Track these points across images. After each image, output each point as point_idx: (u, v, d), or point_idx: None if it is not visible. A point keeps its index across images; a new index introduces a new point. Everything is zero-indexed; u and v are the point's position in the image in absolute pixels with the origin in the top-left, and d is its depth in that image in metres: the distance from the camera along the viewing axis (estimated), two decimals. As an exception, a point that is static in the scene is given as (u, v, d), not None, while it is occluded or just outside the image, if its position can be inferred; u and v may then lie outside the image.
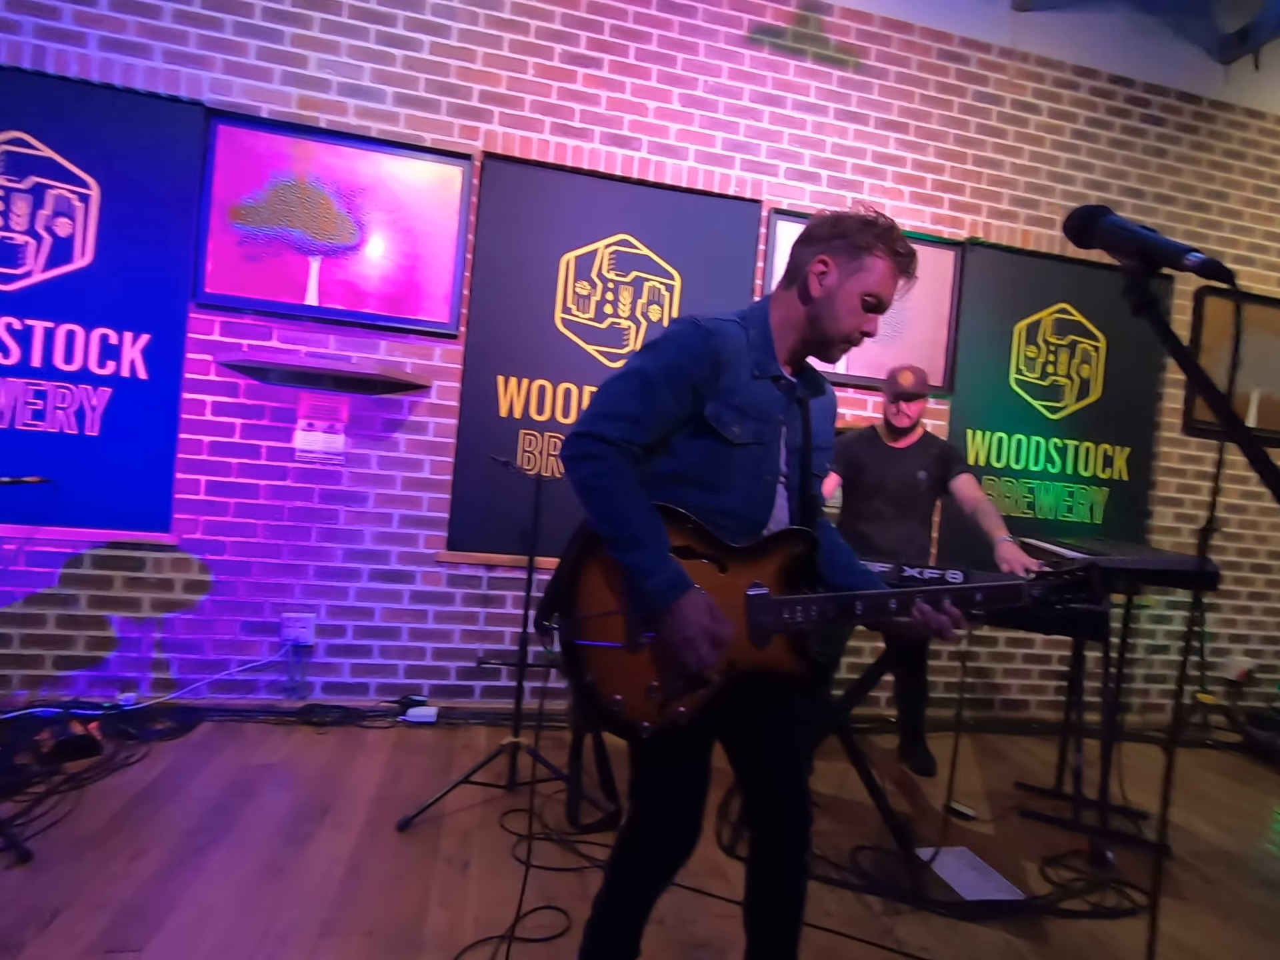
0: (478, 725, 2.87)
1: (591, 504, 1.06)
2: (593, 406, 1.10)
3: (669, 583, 1.03)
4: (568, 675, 1.10)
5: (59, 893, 1.62)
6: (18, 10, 2.57)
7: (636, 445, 1.08)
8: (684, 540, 1.10)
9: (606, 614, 1.09)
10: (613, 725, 1.10)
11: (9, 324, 2.60)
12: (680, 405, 1.10)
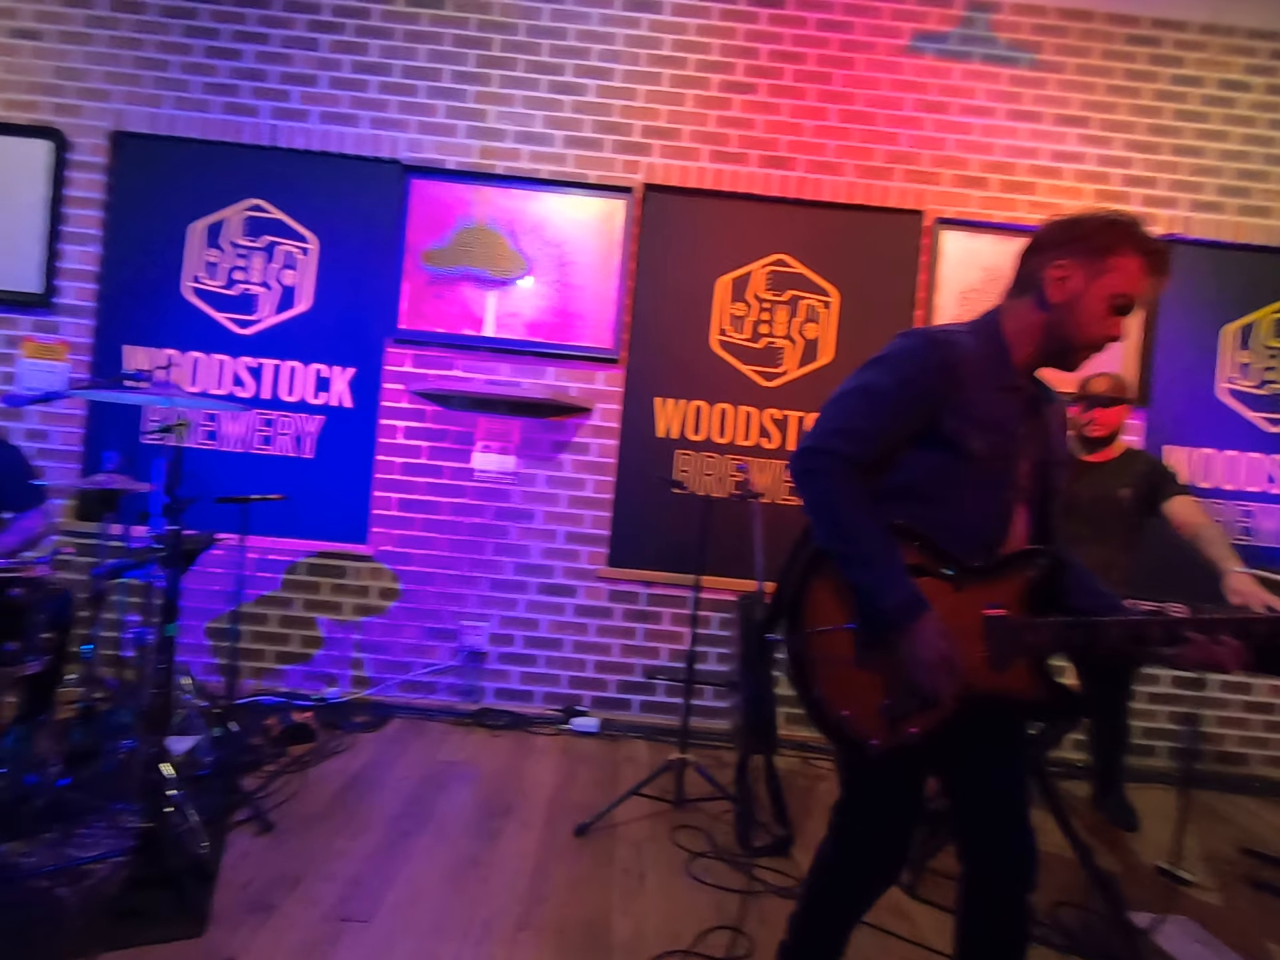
0: (637, 739, 2.94)
1: (822, 520, 1.08)
2: (821, 422, 1.11)
3: (904, 603, 1.02)
4: (795, 687, 1.11)
5: (298, 861, 1.84)
6: (258, 96, 3.01)
7: (865, 460, 1.08)
8: (916, 558, 1.08)
9: (835, 629, 1.09)
10: (839, 740, 1.10)
11: (246, 363, 3.03)
12: (911, 419, 1.09)
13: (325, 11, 3.01)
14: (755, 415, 3.08)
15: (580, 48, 3.05)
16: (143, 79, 3.00)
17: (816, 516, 1.09)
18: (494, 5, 3.03)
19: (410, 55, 3.03)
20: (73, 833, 1.83)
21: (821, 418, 1.11)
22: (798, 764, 2.82)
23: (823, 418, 1.11)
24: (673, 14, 3.06)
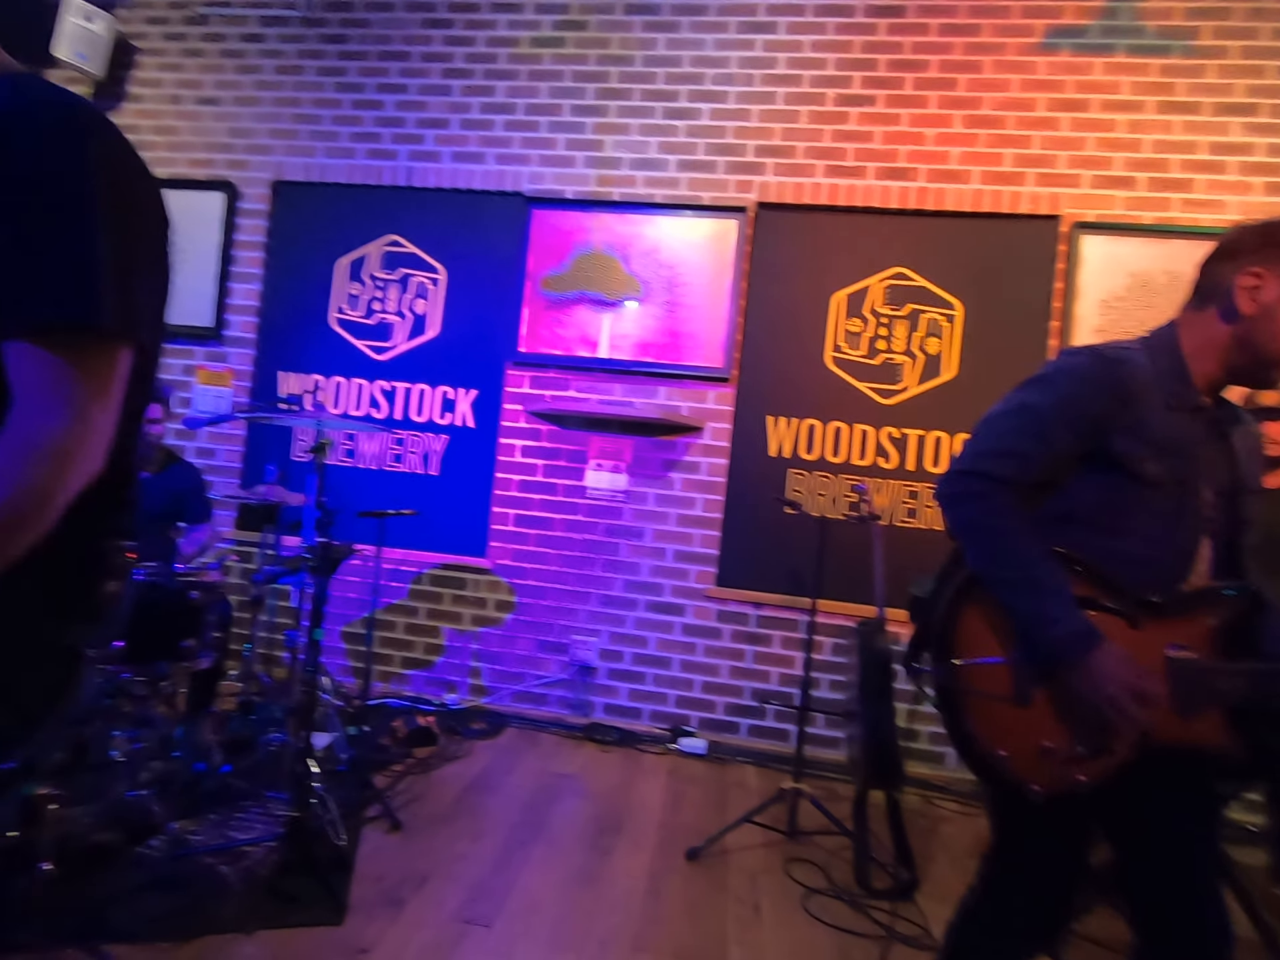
0: (746, 763, 2.88)
1: (977, 544, 1.02)
2: (975, 443, 1.06)
3: (1076, 633, 0.95)
4: (944, 721, 1.05)
5: (425, 861, 1.93)
6: (397, 141, 3.27)
7: (1023, 483, 1.02)
8: (1086, 589, 1.00)
9: (990, 661, 1.03)
10: (995, 781, 1.03)
11: (381, 386, 3.26)
12: (1076, 441, 1.02)
13: (458, 59, 3.23)
14: (872, 434, 2.98)
15: (694, 73, 3.10)
16: (299, 133, 3.33)
17: (969, 540, 1.04)
18: (612, 40, 3.15)
19: (533, 94, 3.19)
20: (232, 816, 2.02)
21: (973, 439, 1.06)
22: (919, 803, 2.66)
23: (975, 439, 1.06)
24: (787, 33, 3.06)
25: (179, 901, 1.65)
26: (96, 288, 0.64)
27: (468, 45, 3.23)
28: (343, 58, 3.32)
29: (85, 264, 0.63)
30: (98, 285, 0.64)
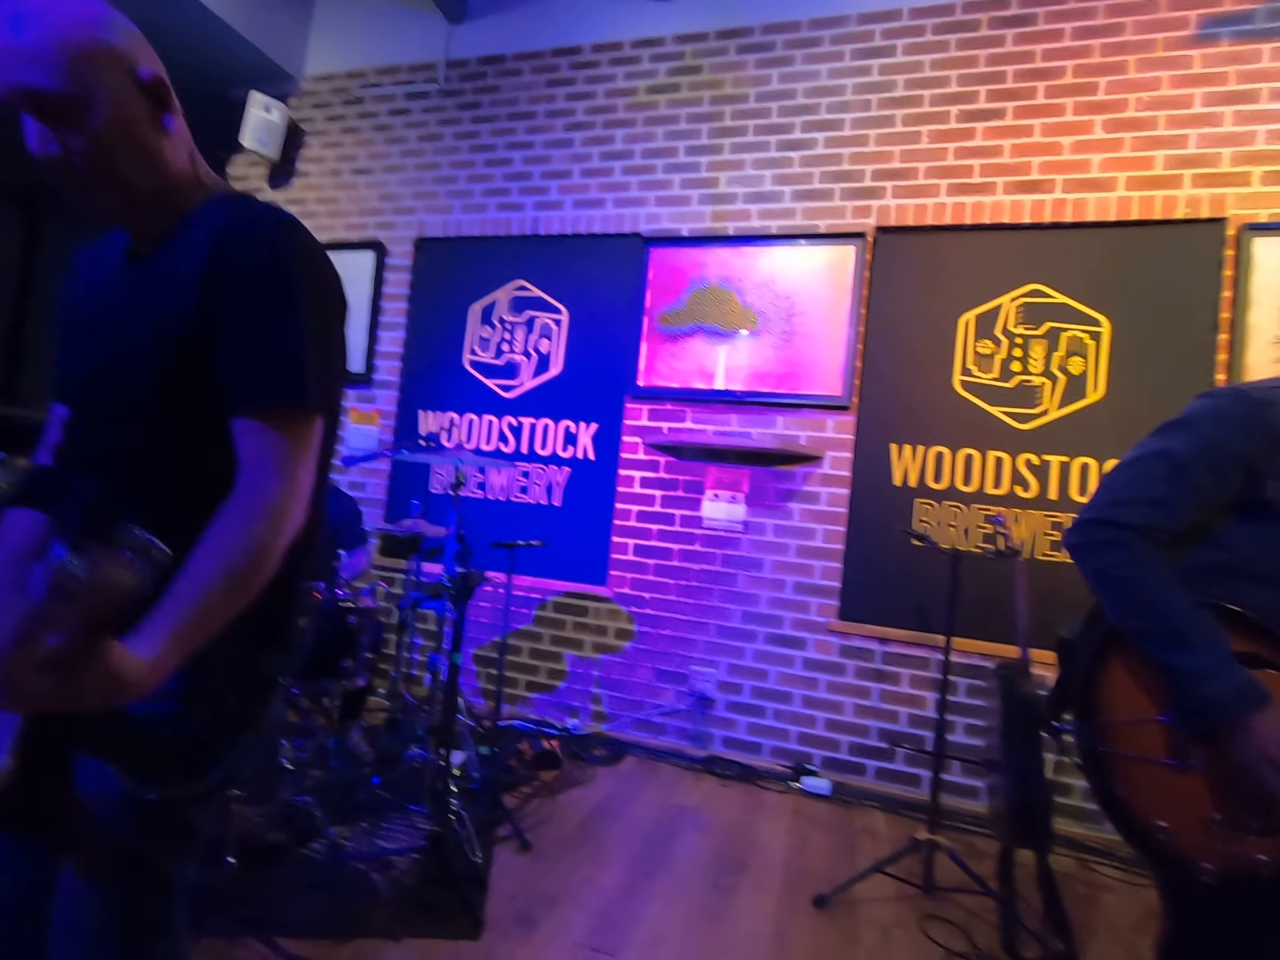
0: (874, 808, 2.75)
1: (1115, 596, 0.96)
2: (1108, 491, 1.00)
3: (1236, 690, 0.86)
4: (1093, 787, 0.98)
5: (553, 883, 1.99)
6: (524, 194, 3.50)
7: (1164, 532, 0.95)
8: (1248, 645, 0.91)
9: (1141, 721, 0.95)
10: (1158, 858, 0.94)
11: (509, 422, 3.47)
12: (1223, 488, 0.94)
13: (579, 113, 3.43)
14: (1008, 461, 2.80)
15: (809, 104, 3.11)
16: (438, 193, 3.65)
17: (1105, 592, 0.97)
18: (725, 80, 3.23)
19: (649, 138, 3.32)
20: (380, 825, 2.18)
21: (1106, 487, 1.00)
22: (1074, 867, 2.42)
23: (1108, 487, 1.00)
24: (905, 54, 3.01)
25: (336, 903, 1.79)
26: (304, 373, 0.76)
27: (588, 99, 3.43)
28: (476, 122, 3.61)
29: (295, 355, 0.76)
30: (305, 371, 0.76)
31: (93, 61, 0.73)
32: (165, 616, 0.64)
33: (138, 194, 0.80)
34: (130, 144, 0.76)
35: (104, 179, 0.77)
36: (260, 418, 0.75)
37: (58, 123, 0.73)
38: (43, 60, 0.70)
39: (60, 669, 0.53)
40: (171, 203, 0.83)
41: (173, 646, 0.64)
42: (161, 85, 0.79)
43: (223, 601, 0.68)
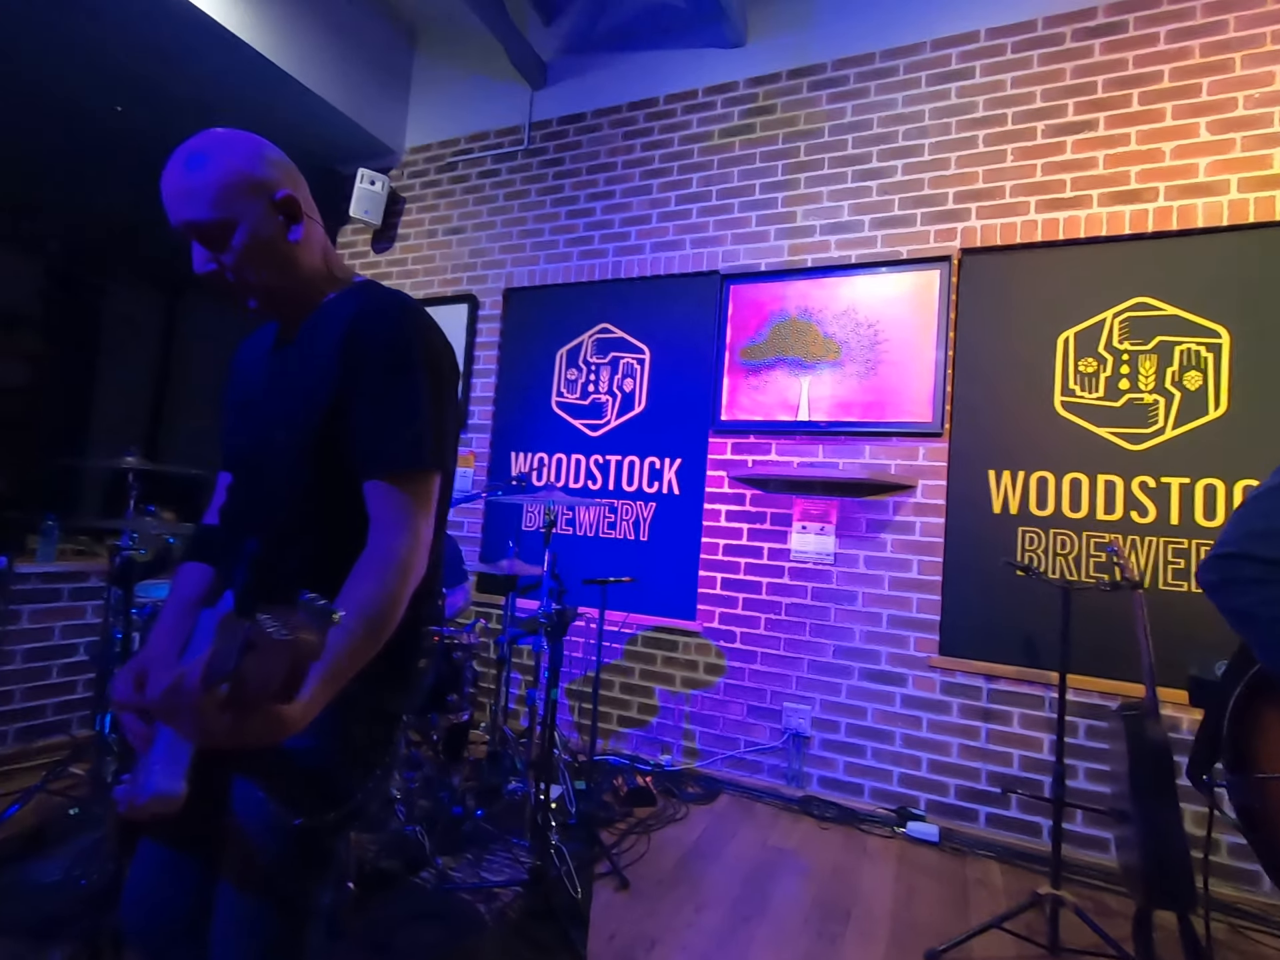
0: (988, 858, 2.58)
1: (1259, 636, 0.90)
2: (1243, 523, 0.94)
3: None
4: (1255, 848, 0.91)
5: (653, 924, 1.98)
6: (605, 241, 3.65)
7: None
8: None
9: None
10: None
11: (596, 460, 3.57)
12: None
13: (656, 161, 3.56)
14: (1120, 485, 2.64)
15: (885, 133, 3.11)
16: (525, 246, 3.86)
17: (1249, 632, 0.91)
18: (799, 117, 3.27)
19: (725, 179, 3.40)
20: (483, 857, 2.24)
21: (1240, 519, 0.95)
22: (1225, 932, 2.19)
23: (1242, 519, 0.95)
24: (984, 75, 2.96)
25: (447, 933, 1.86)
26: (427, 439, 0.85)
27: (664, 147, 3.55)
28: (558, 177, 3.81)
29: (415, 423, 0.86)
30: (427, 438, 0.85)
31: (239, 192, 0.87)
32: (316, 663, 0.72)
33: (276, 292, 0.94)
34: (266, 254, 0.90)
35: (248, 284, 0.91)
36: (387, 479, 0.84)
37: (212, 245, 0.89)
38: (202, 197, 0.86)
39: (239, 710, 0.61)
40: (308, 296, 0.96)
41: (322, 689, 0.72)
42: (291, 203, 0.92)
43: (362, 647, 0.76)
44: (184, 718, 0.61)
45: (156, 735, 0.76)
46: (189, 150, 0.88)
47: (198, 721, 0.61)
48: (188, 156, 0.87)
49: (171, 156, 0.88)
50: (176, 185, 0.87)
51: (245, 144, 0.90)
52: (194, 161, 0.87)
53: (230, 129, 0.91)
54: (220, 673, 0.59)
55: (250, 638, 0.56)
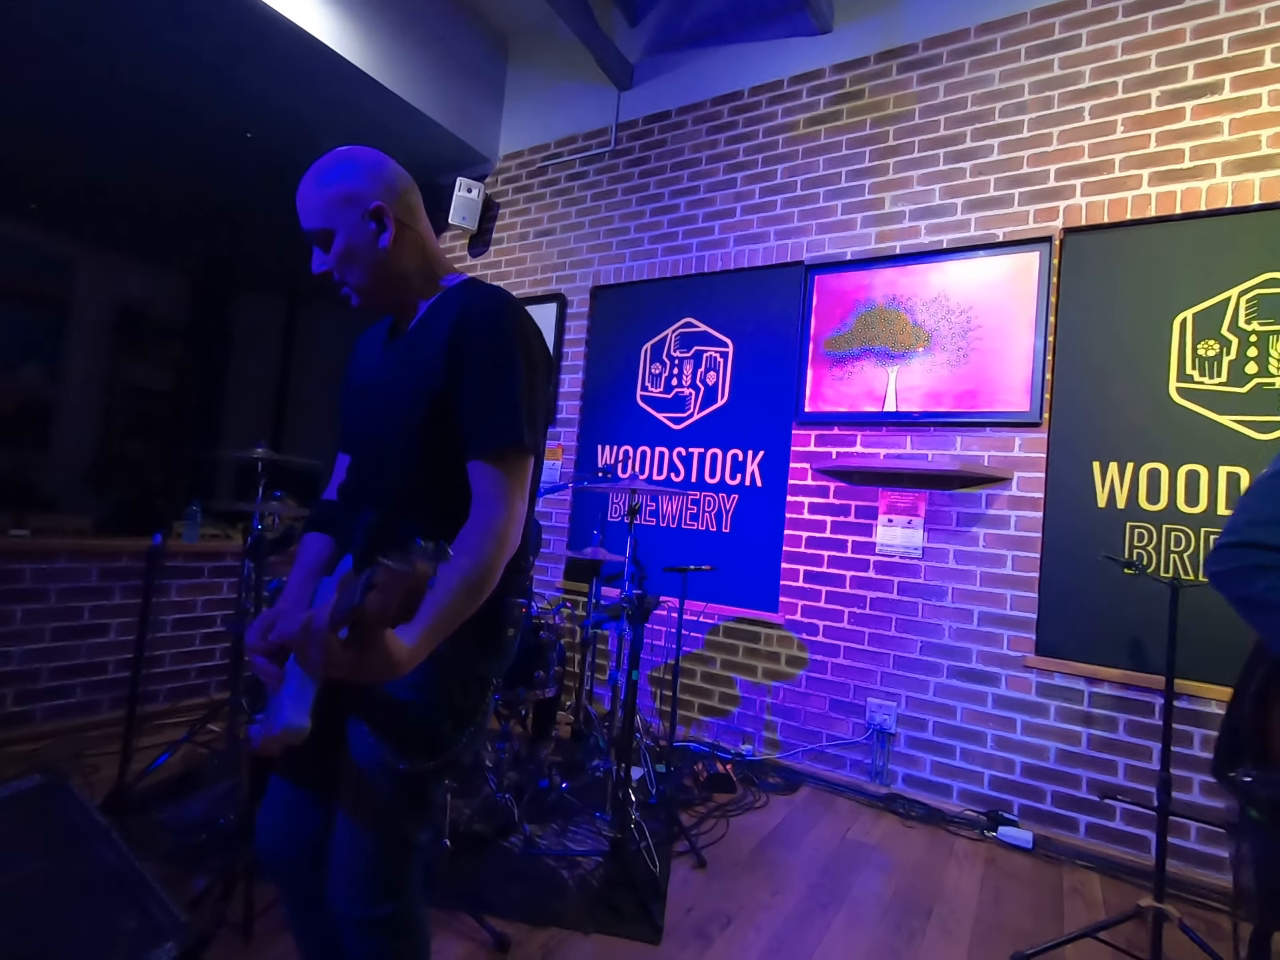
0: (1086, 869, 2.45)
1: (1273, 623, 0.86)
2: (1245, 513, 0.94)
3: None
4: None
5: (728, 902, 2.03)
6: (688, 236, 3.70)
7: None
8: None
9: None
10: None
11: (679, 452, 3.63)
12: None
13: (740, 155, 3.57)
14: (1245, 477, 2.43)
15: (979, 111, 2.98)
16: (611, 245, 3.96)
17: (1259, 621, 0.89)
18: (888, 100, 3.19)
19: (810, 169, 3.37)
20: (568, 827, 2.36)
21: (1243, 508, 0.96)
22: (1362, 967, 1.99)
23: (1245, 508, 0.96)
24: (1090, 42, 2.79)
25: (533, 893, 1.98)
26: (520, 422, 0.95)
27: (748, 140, 3.56)
28: (644, 175, 3.89)
29: (514, 408, 0.95)
30: (521, 420, 0.95)
31: (338, 204, 1.02)
32: (422, 615, 0.82)
33: (371, 290, 1.07)
34: (359, 257, 1.04)
35: (349, 283, 1.06)
36: (487, 459, 0.94)
37: (323, 248, 1.05)
38: (313, 208, 1.03)
39: (359, 647, 0.72)
40: (404, 293, 1.09)
41: (426, 639, 0.82)
42: (380, 213, 1.04)
43: (461, 606, 0.86)
44: (312, 653, 0.72)
45: (286, 676, 0.88)
46: (313, 168, 1.05)
47: (324, 656, 0.72)
48: (310, 173, 1.05)
49: (305, 174, 1.04)
50: (300, 198, 1.04)
51: (351, 162, 1.04)
52: (311, 177, 1.04)
53: (351, 147, 1.06)
54: (345, 609, 0.69)
55: (372, 579, 0.66)
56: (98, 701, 2.94)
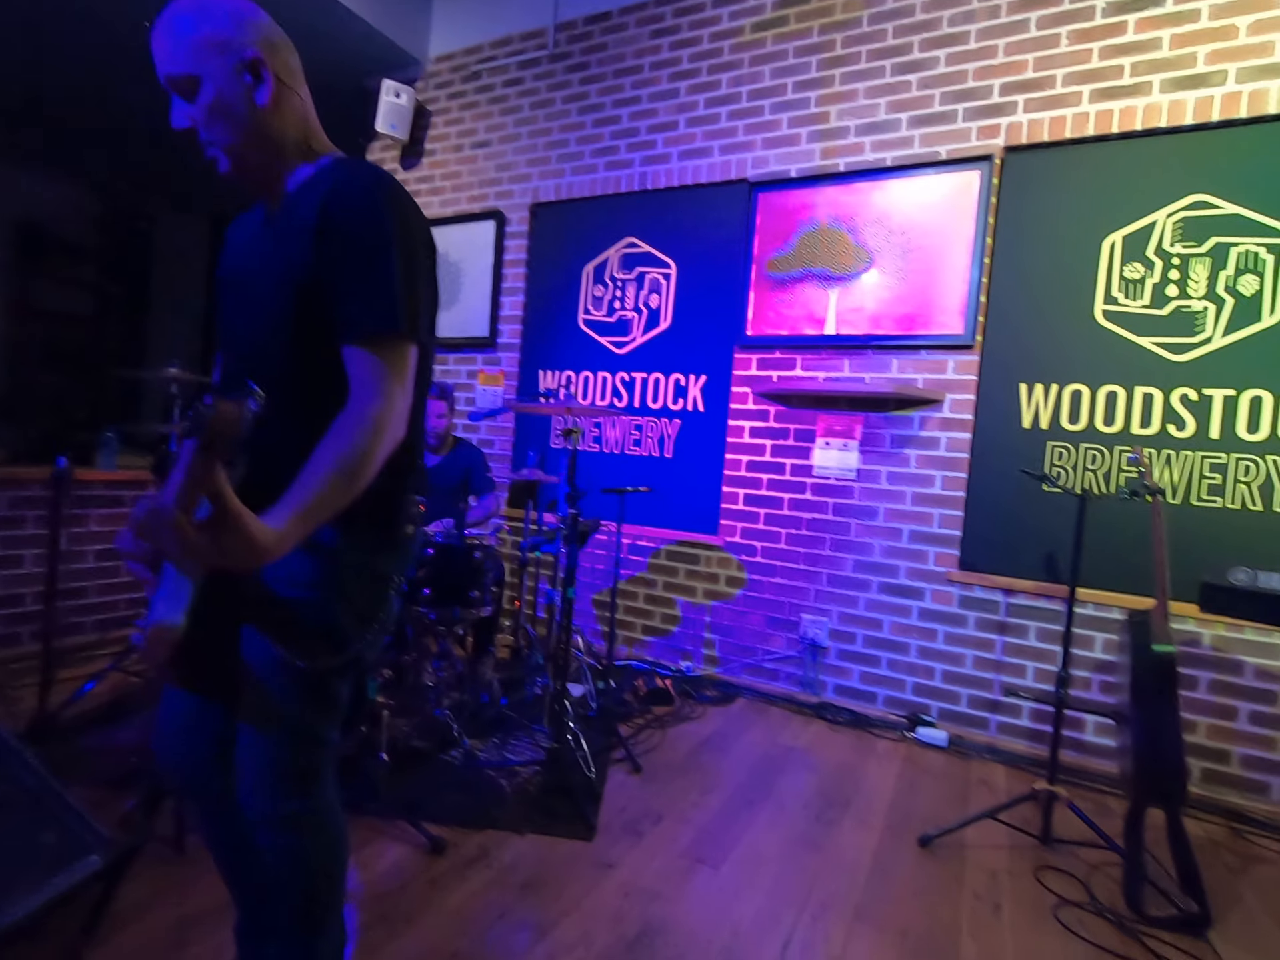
0: (993, 762, 2.66)
1: None
2: None
3: None
4: None
5: (661, 801, 2.13)
6: (631, 150, 3.54)
7: None
8: None
9: None
10: None
11: (621, 377, 3.58)
12: None
13: (684, 62, 3.40)
14: (1159, 397, 2.53)
15: (928, 19, 2.89)
16: (550, 158, 3.77)
17: None
18: (835, 5, 3.06)
19: (756, 79, 3.23)
20: (507, 741, 2.42)
21: None
22: (1224, 835, 2.23)
23: None
24: (1042, -53, 2.70)
25: (471, 800, 2.04)
26: (397, 305, 0.89)
27: (693, 45, 3.38)
28: (584, 83, 3.67)
29: (391, 290, 0.89)
30: (396, 304, 0.89)
31: (206, 49, 0.92)
32: (290, 500, 0.79)
33: (244, 157, 0.97)
34: (231, 114, 0.94)
35: (217, 144, 0.96)
36: (362, 345, 0.89)
37: (185, 97, 0.94)
38: (174, 51, 0.92)
39: (213, 528, 0.68)
40: (279, 166, 1.00)
41: (295, 524, 0.78)
42: (257, 64, 0.94)
43: (334, 492, 0.82)
44: (165, 538, 0.68)
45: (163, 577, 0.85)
46: (171, 8, 0.93)
47: (179, 541, 0.68)
48: (169, 14, 0.92)
49: (162, 13, 0.92)
50: (156, 40, 0.92)
51: (222, 5, 0.93)
52: (172, 18, 0.92)
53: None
54: (178, 484, 0.65)
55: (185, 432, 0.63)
56: (17, 634, 2.84)
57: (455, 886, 1.67)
